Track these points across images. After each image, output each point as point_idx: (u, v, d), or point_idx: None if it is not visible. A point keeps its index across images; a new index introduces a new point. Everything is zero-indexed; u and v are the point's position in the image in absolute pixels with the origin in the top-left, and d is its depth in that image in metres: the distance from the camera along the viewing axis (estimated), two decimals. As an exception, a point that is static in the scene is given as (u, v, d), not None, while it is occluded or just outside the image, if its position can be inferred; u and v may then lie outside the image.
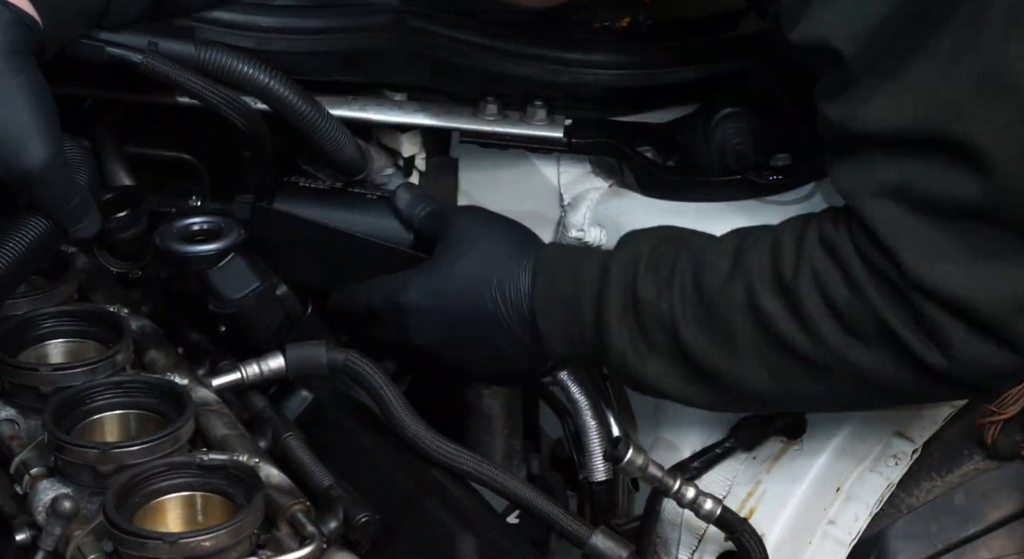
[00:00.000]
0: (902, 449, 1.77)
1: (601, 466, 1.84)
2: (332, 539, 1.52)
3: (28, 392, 1.63)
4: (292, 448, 1.65)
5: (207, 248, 1.78)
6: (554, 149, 1.91)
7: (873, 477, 1.77)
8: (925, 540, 1.77)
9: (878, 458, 1.77)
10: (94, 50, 1.75)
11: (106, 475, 1.52)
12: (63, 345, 1.70)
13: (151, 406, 1.60)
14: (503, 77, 1.90)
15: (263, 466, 1.56)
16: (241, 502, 1.48)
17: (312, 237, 1.83)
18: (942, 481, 1.79)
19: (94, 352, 1.67)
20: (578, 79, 1.91)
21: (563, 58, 1.91)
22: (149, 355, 1.73)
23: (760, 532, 1.75)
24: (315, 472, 1.61)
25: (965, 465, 1.79)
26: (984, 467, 1.79)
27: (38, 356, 1.68)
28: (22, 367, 1.64)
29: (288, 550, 1.48)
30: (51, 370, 1.63)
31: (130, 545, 1.43)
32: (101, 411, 1.59)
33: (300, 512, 1.51)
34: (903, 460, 1.77)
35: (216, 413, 1.64)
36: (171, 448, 1.54)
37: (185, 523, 1.50)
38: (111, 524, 1.44)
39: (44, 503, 1.50)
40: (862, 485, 1.77)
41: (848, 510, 1.76)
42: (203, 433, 1.61)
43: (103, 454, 1.52)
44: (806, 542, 1.76)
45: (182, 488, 1.50)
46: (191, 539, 1.42)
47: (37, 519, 1.50)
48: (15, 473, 1.57)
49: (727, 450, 1.79)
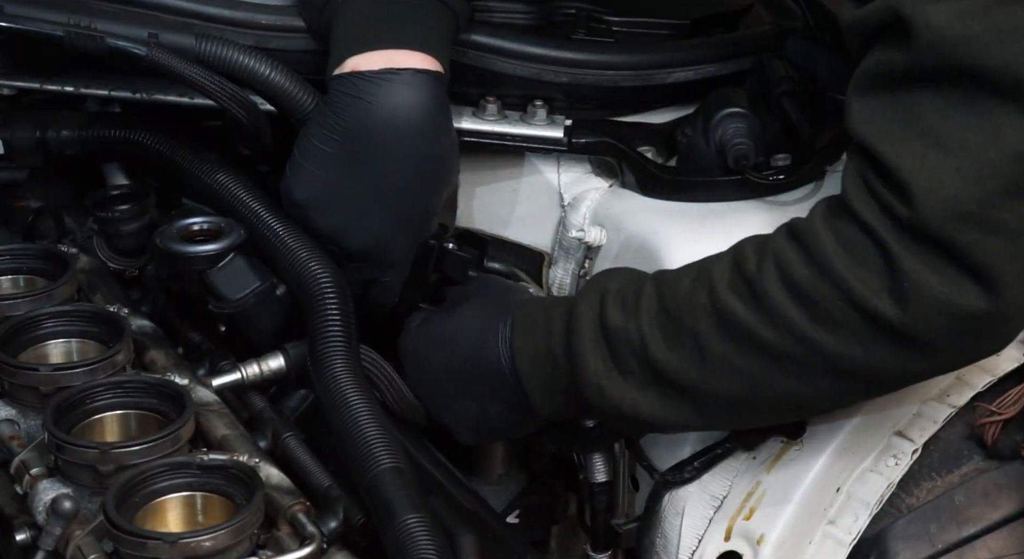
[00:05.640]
0: (902, 449, 1.77)
1: (601, 466, 1.84)
2: (332, 539, 1.52)
3: (28, 392, 1.63)
4: (292, 448, 1.65)
5: (207, 248, 1.78)
6: (554, 149, 1.91)
7: (873, 477, 1.77)
8: (925, 540, 1.77)
9: (878, 458, 1.77)
10: (95, 41, 1.76)
11: (106, 475, 1.52)
12: (63, 345, 1.70)
13: (151, 406, 1.60)
14: (503, 77, 1.90)
15: (263, 466, 1.56)
16: (241, 502, 1.48)
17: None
18: (942, 481, 1.79)
19: (94, 352, 1.67)
20: (578, 79, 1.91)
21: (563, 58, 1.91)
22: (149, 355, 1.73)
23: (760, 532, 1.75)
24: (315, 472, 1.61)
25: (965, 465, 1.79)
26: (984, 467, 1.79)
27: (38, 356, 1.68)
28: (22, 367, 1.64)
29: (288, 550, 1.48)
30: (51, 370, 1.63)
31: (130, 545, 1.43)
32: (101, 411, 1.59)
33: (300, 512, 1.51)
34: (903, 460, 1.77)
35: (216, 413, 1.64)
36: (171, 448, 1.54)
37: (185, 523, 1.50)
38: (111, 524, 1.44)
39: (44, 503, 1.50)
40: (862, 485, 1.77)
41: (848, 510, 1.76)
42: (203, 433, 1.61)
43: (103, 454, 1.52)
44: (806, 542, 1.76)
45: (182, 488, 1.50)
46: (191, 539, 1.42)
47: (37, 519, 1.51)
48: (15, 473, 1.57)
49: (727, 450, 1.78)
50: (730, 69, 1.96)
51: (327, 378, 1.66)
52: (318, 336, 1.69)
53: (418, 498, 1.53)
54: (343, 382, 1.65)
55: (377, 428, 1.60)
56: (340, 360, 1.67)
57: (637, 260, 1.81)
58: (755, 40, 1.99)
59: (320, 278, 1.72)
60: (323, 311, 1.70)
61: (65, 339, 1.70)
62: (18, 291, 1.78)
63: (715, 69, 1.96)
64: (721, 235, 1.79)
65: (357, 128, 1.73)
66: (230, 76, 1.78)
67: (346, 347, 1.69)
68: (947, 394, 1.79)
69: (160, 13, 1.81)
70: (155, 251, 1.81)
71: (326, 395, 1.65)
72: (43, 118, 1.92)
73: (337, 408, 1.63)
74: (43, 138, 1.91)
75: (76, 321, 1.70)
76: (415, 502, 1.52)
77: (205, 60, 1.78)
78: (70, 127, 1.91)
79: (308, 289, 1.72)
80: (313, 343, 1.70)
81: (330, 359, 1.67)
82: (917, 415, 1.79)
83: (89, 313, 1.72)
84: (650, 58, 1.94)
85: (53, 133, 1.91)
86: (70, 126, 1.91)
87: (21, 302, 1.73)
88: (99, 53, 1.77)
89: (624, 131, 1.93)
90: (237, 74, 1.78)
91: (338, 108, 1.73)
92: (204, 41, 1.78)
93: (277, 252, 1.76)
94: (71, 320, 1.70)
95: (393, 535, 1.49)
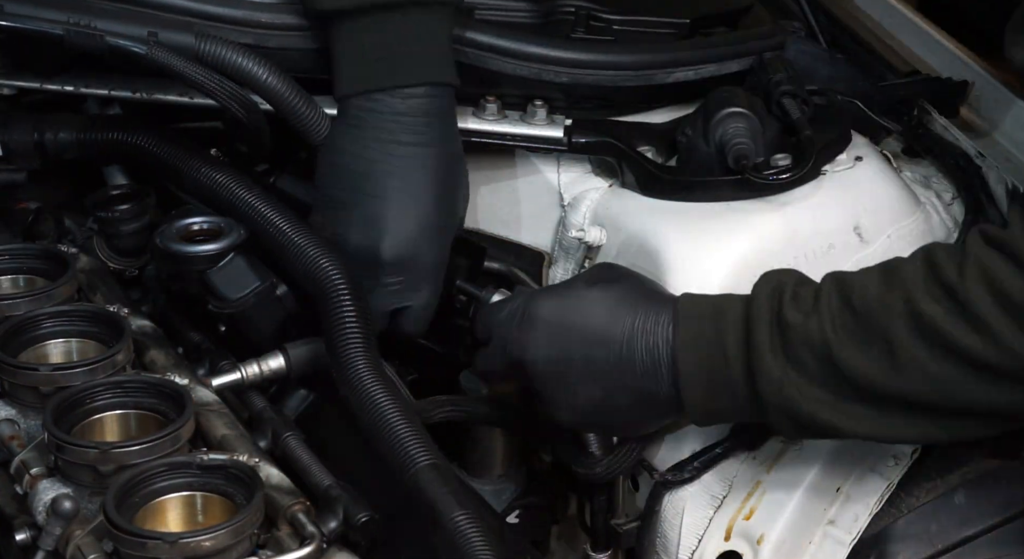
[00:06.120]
0: (902, 449, 1.77)
1: (601, 466, 1.84)
2: (332, 539, 1.52)
3: (28, 392, 1.63)
4: (292, 448, 1.65)
5: (207, 248, 1.78)
6: (554, 149, 1.91)
7: (873, 477, 1.77)
8: (925, 540, 1.77)
9: (878, 458, 1.77)
10: (94, 40, 1.76)
11: (106, 475, 1.52)
12: (63, 345, 1.70)
13: (151, 406, 1.60)
14: (503, 77, 1.90)
15: (263, 466, 1.56)
16: (241, 502, 1.48)
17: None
18: (942, 481, 1.79)
19: (94, 352, 1.67)
20: (578, 79, 1.91)
21: (563, 58, 1.91)
22: (149, 355, 1.73)
23: (760, 532, 1.75)
24: (315, 472, 1.61)
25: (965, 465, 1.79)
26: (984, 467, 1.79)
27: (38, 356, 1.68)
28: (22, 367, 1.64)
29: (288, 550, 1.48)
30: (51, 370, 1.63)
31: (130, 545, 1.43)
32: (101, 411, 1.59)
33: (300, 512, 1.51)
34: (903, 460, 1.77)
35: (216, 413, 1.64)
36: (171, 448, 1.54)
37: (185, 523, 1.50)
38: (111, 524, 1.44)
39: (44, 503, 1.50)
40: (862, 485, 1.77)
41: (848, 510, 1.76)
42: (203, 433, 1.61)
43: (103, 454, 1.52)
44: (806, 542, 1.76)
45: (182, 488, 1.50)
46: (191, 539, 1.42)
47: (37, 519, 1.51)
48: (15, 473, 1.57)
49: (727, 450, 1.78)
50: (730, 69, 1.96)
51: (351, 377, 1.63)
52: (336, 334, 1.67)
53: (463, 494, 1.53)
54: (367, 380, 1.62)
55: (408, 425, 1.58)
56: (362, 358, 1.65)
57: (637, 260, 1.81)
58: (755, 40, 1.99)
59: (332, 274, 1.70)
60: (339, 308, 1.68)
61: (65, 339, 1.70)
62: (18, 291, 1.78)
63: (715, 69, 1.96)
64: (721, 235, 1.80)
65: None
66: (228, 76, 1.78)
67: (365, 344, 1.66)
68: (947, 394, 1.79)
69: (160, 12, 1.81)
70: (155, 251, 1.81)
71: (353, 394, 1.63)
72: (41, 120, 1.92)
73: (365, 407, 1.61)
74: (41, 140, 1.91)
75: (76, 321, 1.70)
76: (460, 499, 1.51)
77: (205, 59, 1.78)
78: (68, 129, 1.91)
79: (321, 286, 1.70)
80: (332, 342, 1.67)
81: (352, 358, 1.65)
82: (917, 415, 1.79)
83: (89, 313, 1.72)
84: (650, 58, 1.94)
85: (51, 136, 1.91)
86: (68, 128, 1.91)
87: (21, 302, 1.73)
88: (99, 52, 1.77)
89: (624, 131, 1.93)
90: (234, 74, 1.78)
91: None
92: (204, 40, 1.78)
93: (284, 250, 1.75)
94: (71, 320, 1.70)
95: (445, 534, 1.49)
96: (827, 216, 1.83)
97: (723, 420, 1.72)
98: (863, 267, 1.59)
